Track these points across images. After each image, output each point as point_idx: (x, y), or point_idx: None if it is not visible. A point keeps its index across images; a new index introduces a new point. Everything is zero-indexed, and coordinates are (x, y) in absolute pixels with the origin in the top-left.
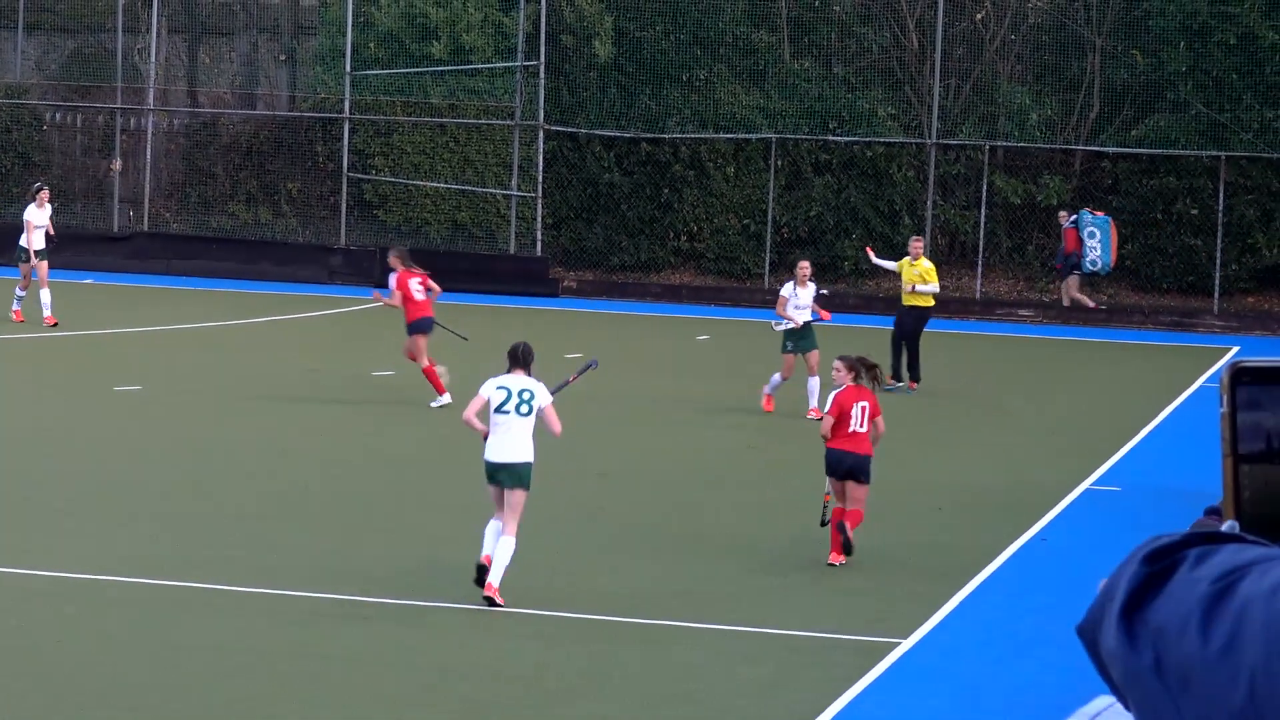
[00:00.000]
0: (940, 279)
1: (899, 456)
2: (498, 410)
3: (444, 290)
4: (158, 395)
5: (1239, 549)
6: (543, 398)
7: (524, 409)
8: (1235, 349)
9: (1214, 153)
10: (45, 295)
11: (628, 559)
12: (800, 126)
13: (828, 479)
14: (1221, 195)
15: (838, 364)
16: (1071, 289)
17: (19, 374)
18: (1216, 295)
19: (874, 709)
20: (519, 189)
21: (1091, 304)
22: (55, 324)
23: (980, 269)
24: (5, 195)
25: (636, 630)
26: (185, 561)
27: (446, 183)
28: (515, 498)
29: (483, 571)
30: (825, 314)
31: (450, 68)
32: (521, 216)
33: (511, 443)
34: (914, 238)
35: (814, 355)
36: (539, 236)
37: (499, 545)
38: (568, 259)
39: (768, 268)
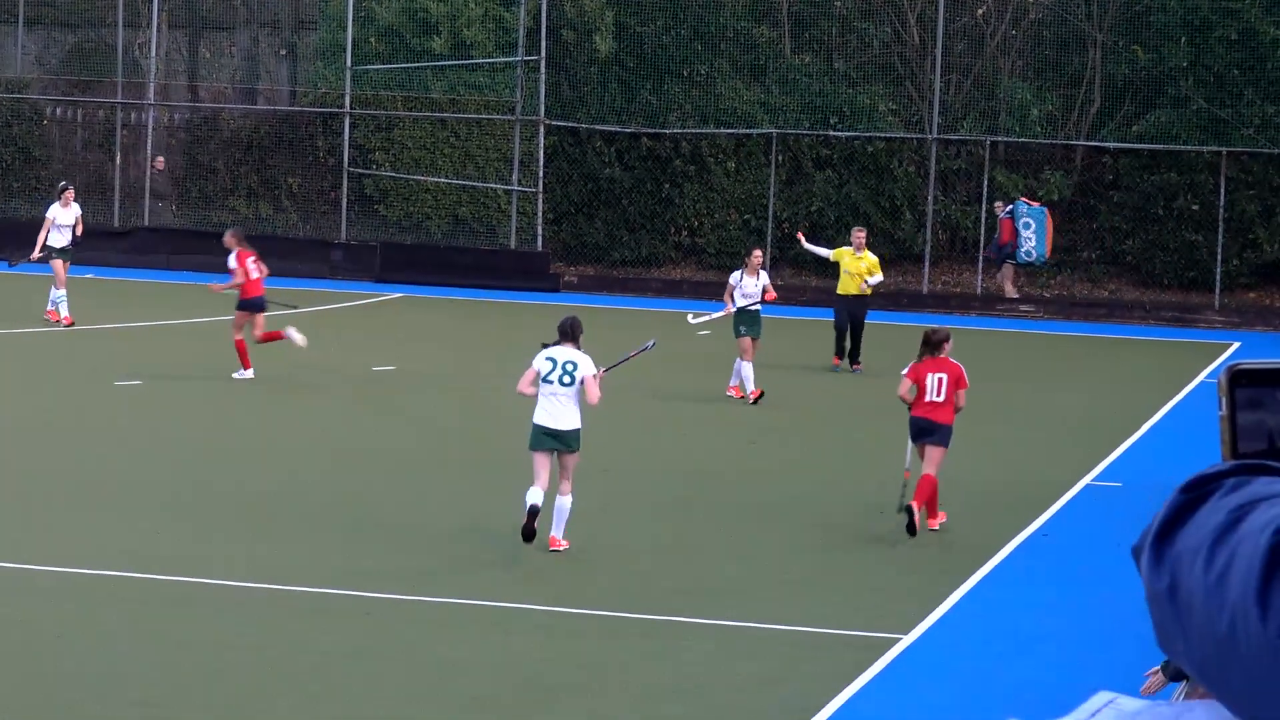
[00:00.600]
0: (941, 274)
1: (899, 452)
2: (544, 380)
3: (444, 285)
4: (158, 390)
5: (1270, 482)
6: (586, 369)
7: (566, 380)
8: (1236, 344)
9: (1215, 148)
10: (56, 293)
11: (628, 554)
12: (801, 121)
13: (906, 453)
14: (1223, 191)
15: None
16: (1006, 278)
17: (19, 368)
18: (1217, 291)
19: (875, 705)
20: (520, 184)
21: (1015, 293)
22: (57, 321)
23: (981, 264)
24: (5, 190)
25: (637, 626)
26: (185, 557)
27: (447, 177)
28: (567, 460)
29: (532, 515)
30: (771, 295)
31: (451, 62)
32: (522, 211)
33: (559, 411)
34: (856, 229)
35: (757, 343)
36: (540, 231)
37: (559, 504)
38: (568, 254)
39: (768, 263)
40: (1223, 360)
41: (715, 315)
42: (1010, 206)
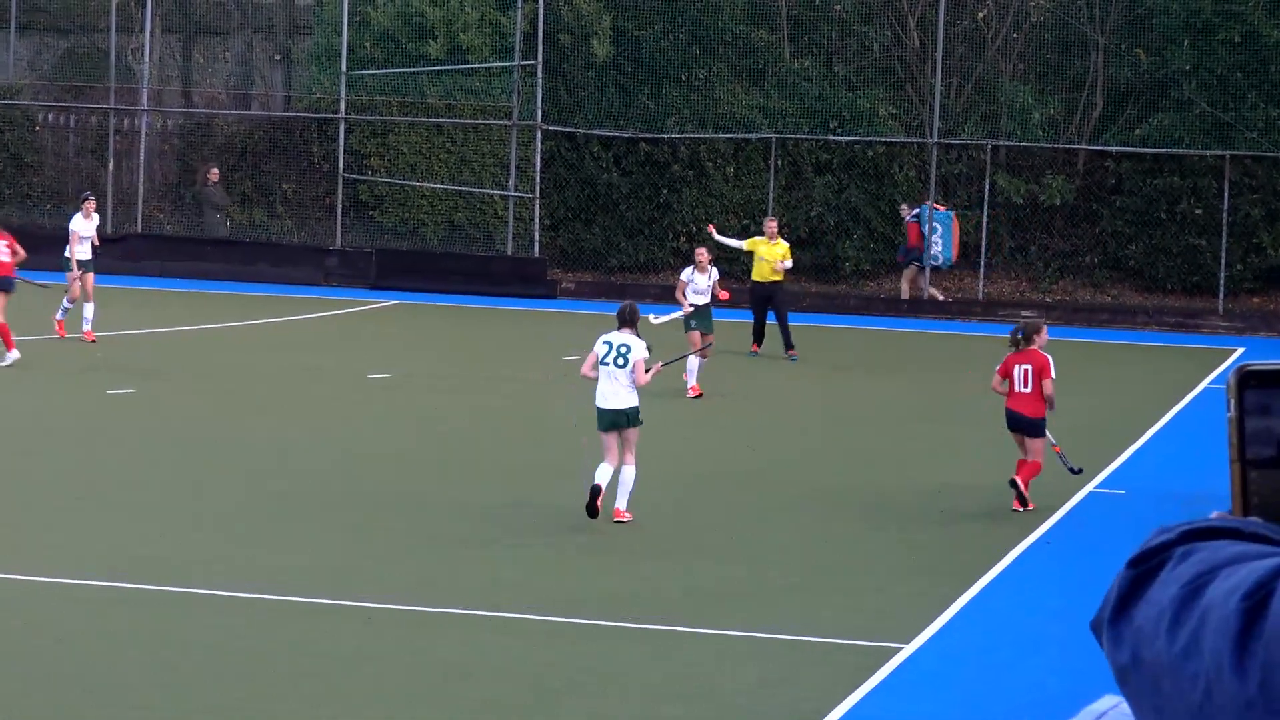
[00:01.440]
0: (942, 280)
1: (902, 458)
2: (601, 362)
3: (440, 291)
4: (152, 398)
5: (1218, 548)
6: (638, 352)
7: (620, 361)
8: (1240, 350)
9: (1218, 152)
10: (89, 309)
11: (629, 560)
12: (800, 126)
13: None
14: (1226, 195)
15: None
16: (913, 280)
17: (14, 377)
18: (1221, 296)
19: (877, 713)
20: (516, 189)
21: (941, 296)
22: (94, 340)
23: (982, 269)
24: None
25: (638, 632)
26: (186, 562)
27: (443, 183)
28: (630, 434)
29: (595, 494)
30: (724, 294)
31: (447, 67)
32: (519, 217)
33: (616, 391)
34: (768, 218)
35: (709, 337)
36: (536, 237)
37: (623, 473)
38: (565, 260)
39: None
40: (1227, 365)
41: (676, 315)
42: (917, 210)
